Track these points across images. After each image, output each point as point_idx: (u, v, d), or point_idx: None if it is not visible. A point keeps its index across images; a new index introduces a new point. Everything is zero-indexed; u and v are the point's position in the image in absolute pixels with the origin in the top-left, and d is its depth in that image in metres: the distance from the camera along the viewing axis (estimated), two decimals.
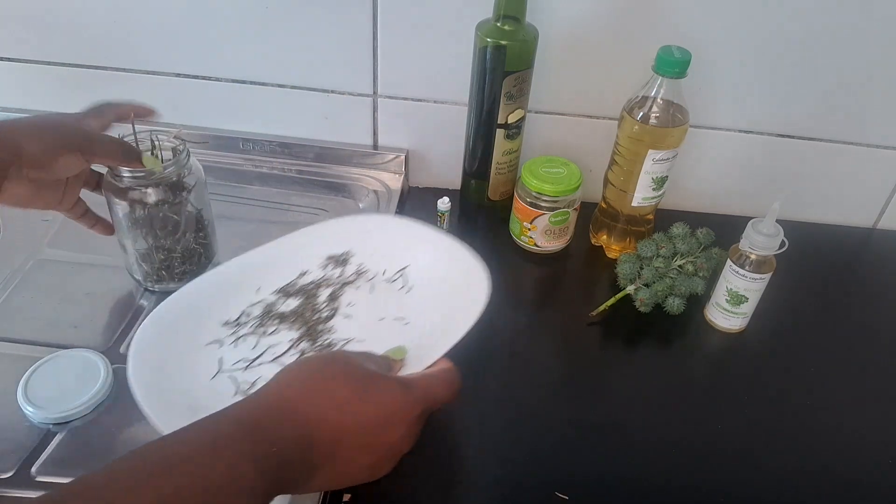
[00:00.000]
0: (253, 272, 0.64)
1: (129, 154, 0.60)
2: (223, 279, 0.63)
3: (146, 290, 0.70)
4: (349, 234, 0.67)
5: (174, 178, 0.63)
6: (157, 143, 0.65)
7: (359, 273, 0.65)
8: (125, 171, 0.61)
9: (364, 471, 0.43)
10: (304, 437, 0.38)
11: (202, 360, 0.58)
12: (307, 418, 0.39)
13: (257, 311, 0.62)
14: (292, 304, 0.62)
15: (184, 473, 0.33)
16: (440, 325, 0.57)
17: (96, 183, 0.65)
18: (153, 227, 0.64)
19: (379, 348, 0.53)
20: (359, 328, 0.60)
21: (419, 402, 0.44)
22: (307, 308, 0.62)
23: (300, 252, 0.65)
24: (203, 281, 0.62)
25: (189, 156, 0.64)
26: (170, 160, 0.63)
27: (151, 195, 0.63)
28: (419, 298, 0.62)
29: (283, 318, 0.61)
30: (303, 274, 0.65)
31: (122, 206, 0.63)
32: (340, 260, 0.66)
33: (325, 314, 0.61)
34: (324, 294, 0.63)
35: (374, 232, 0.67)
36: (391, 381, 0.44)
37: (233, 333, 0.60)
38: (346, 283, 0.64)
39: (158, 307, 0.59)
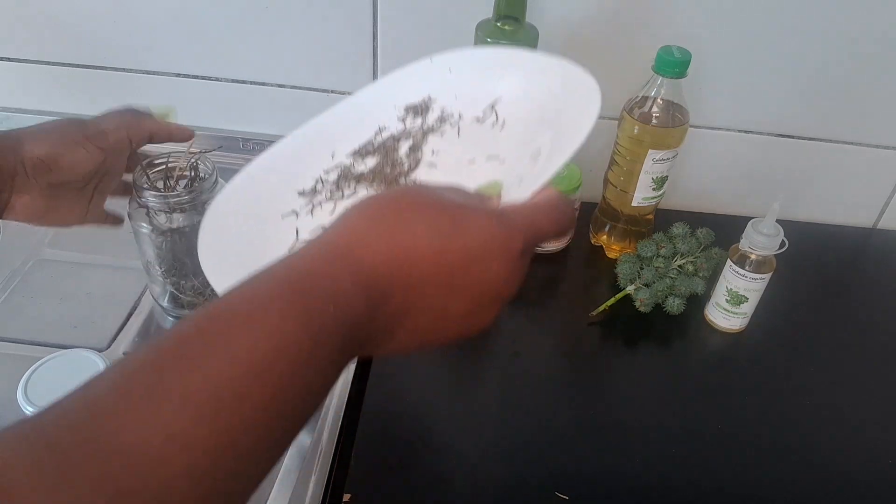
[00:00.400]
0: (326, 136, 0.57)
1: (139, 117, 0.56)
2: (296, 148, 0.57)
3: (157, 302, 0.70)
4: (428, 78, 0.58)
5: (201, 201, 0.61)
6: (169, 164, 0.61)
7: (442, 119, 0.56)
8: (150, 196, 0.59)
9: (459, 321, 0.34)
10: (371, 285, 0.30)
11: (279, 232, 0.52)
12: (373, 263, 0.30)
13: (333, 176, 0.55)
14: (370, 162, 0.55)
15: (215, 356, 0.25)
16: (541, 153, 0.48)
17: (125, 189, 0.61)
18: (179, 253, 0.62)
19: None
20: (445, 175, 0.52)
21: (519, 235, 0.34)
22: (386, 164, 0.55)
23: (376, 107, 0.58)
24: (276, 151, 0.56)
25: (217, 179, 0.62)
26: (187, 180, 0.61)
27: (177, 220, 0.61)
28: (514, 131, 0.53)
29: (360, 178, 0.55)
30: (380, 131, 0.57)
31: (149, 235, 0.61)
32: (421, 108, 0.58)
33: (407, 166, 0.54)
34: (404, 147, 0.55)
35: (456, 70, 0.58)
36: (482, 210, 0.34)
37: (308, 202, 0.54)
38: (428, 132, 0.56)
39: (230, 182, 0.54)
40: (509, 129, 0.53)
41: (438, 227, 0.32)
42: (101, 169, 0.56)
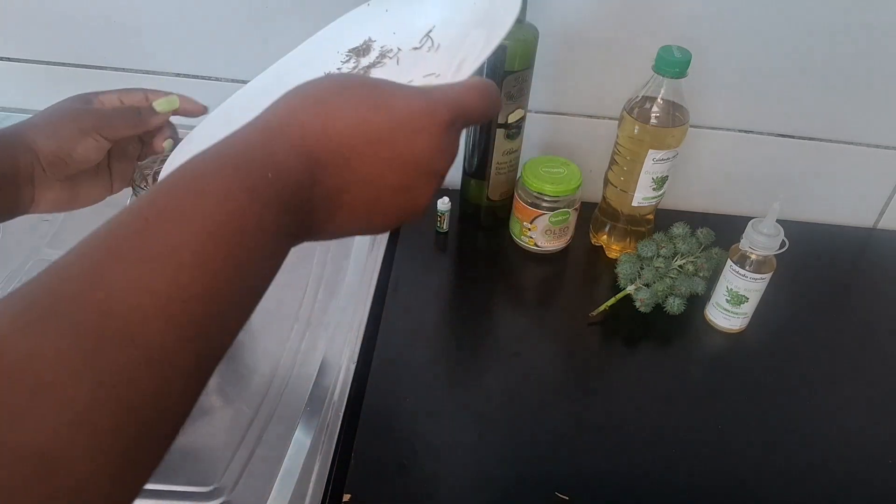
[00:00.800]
0: (276, 86, 0.61)
1: (144, 114, 0.57)
2: (249, 97, 0.59)
3: None
4: (366, 21, 0.61)
5: None
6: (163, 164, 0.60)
7: (382, 55, 0.59)
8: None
9: (396, 196, 0.35)
10: (305, 157, 0.31)
11: None
12: (304, 137, 0.32)
13: None
14: None
15: (172, 222, 0.26)
16: (469, 51, 0.51)
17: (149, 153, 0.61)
18: None
19: None
20: None
21: (444, 108, 0.35)
22: None
23: (321, 54, 0.61)
24: (231, 102, 0.59)
25: None
26: None
27: None
28: (448, 48, 0.55)
29: None
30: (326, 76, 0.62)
31: None
32: (362, 50, 0.60)
33: None
34: None
35: (392, 10, 0.61)
36: (408, 88, 0.36)
37: None
38: (369, 68, 0.58)
39: (190, 133, 0.56)
40: (443, 51, 0.56)
41: (364, 101, 0.33)
42: (113, 151, 0.57)
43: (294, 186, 0.31)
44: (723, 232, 0.75)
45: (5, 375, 0.21)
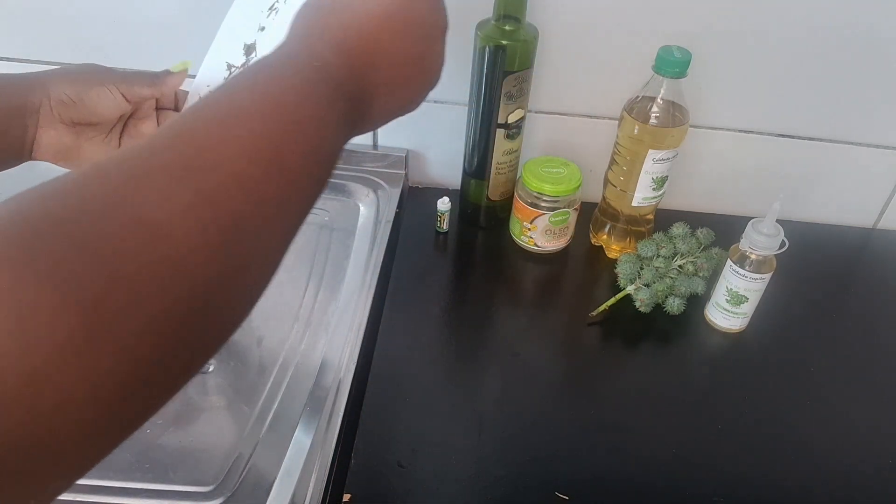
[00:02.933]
0: (217, 62, 0.64)
1: (160, 76, 0.60)
2: (212, 58, 0.63)
3: None
4: None
5: None
6: None
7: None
8: None
9: (417, 65, 0.40)
10: (339, 46, 0.36)
11: None
12: (331, 32, 0.37)
13: (241, 61, 0.62)
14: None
15: (234, 97, 0.31)
16: None
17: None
18: None
19: None
20: None
21: None
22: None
23: (244, 22, 0.63)
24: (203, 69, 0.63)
25: None
26: None
27: None
28: None
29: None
30: (261, 29, 0.62)
31: None
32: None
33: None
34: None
35: None
36: None
37: None
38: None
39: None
40: None
41: None
42: (129, 125, 0.59)
43: (338, 75, 0.35)
44: (723, 232, 0.75)
45: (121, 173, 0.25)
